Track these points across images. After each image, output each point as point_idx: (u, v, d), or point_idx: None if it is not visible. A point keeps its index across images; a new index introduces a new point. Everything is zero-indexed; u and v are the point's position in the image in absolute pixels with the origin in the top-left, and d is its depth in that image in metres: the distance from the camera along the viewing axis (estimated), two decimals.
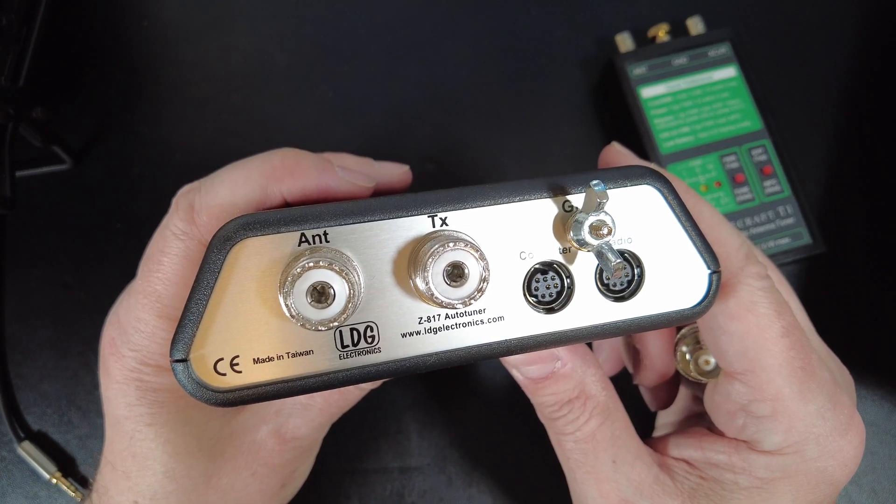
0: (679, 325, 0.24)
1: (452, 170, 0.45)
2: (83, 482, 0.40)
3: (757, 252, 0.29)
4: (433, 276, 0.20)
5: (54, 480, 0.39)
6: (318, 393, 0.28)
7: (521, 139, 0.46)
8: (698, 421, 0.33)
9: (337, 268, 0.20)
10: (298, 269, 0.19)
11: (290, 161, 0.27)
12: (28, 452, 0.39)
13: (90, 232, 0.44)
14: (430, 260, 0.20)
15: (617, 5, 0.49)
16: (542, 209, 0.23)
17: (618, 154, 0.33)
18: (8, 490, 0.40)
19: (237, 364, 0.21)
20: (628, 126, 0.44)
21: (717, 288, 0.23)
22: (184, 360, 0.20)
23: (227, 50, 0.48)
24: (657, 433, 0.37)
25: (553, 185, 0.23)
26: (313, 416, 0.29)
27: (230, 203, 0.26)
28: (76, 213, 0.44)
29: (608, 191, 0.22)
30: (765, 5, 0.49)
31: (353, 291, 0.20)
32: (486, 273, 0.20)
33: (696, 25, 0.46)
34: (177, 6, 0.49)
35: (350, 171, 0.28)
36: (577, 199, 0.23)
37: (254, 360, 0.21)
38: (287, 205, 0.27)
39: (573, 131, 0.47)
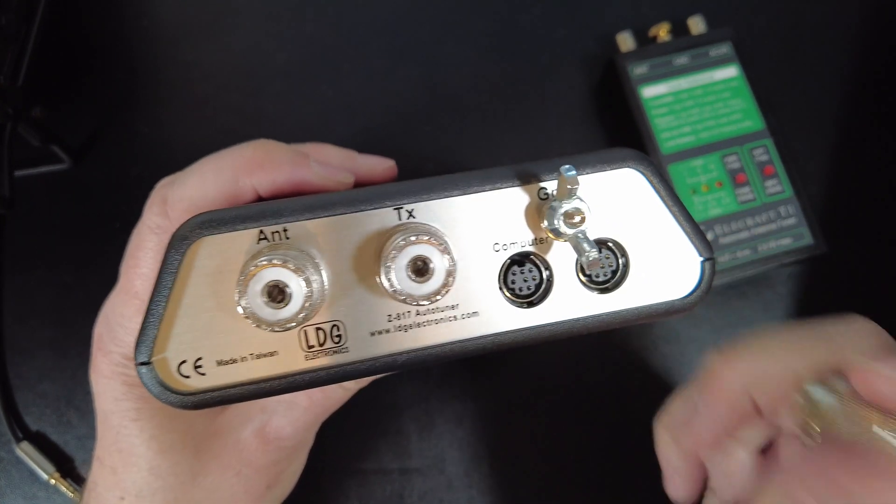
0: (669, 317, 0.23)
1: (452, 170, 0.45)
2: (81, 483, 0.40)
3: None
4: (396, 272, 0.19)
5: (53, 481, 0.39)
6: (301, 393, 0.28)
7: (521, 139, 0.46)
8: None
9: (292, 266, 0.19)
10: (252, 269, 0.19)
11: (261, 153, 0.26)
12: (26, 453, 0.39)
13: (89, 232, 0.43)
14: (393, 255, 0.19)
15: (618, 5, 0.49)
16: (516, 198, 0.22)
17: None
18: (6, 491, 0.40)
19: (200, 366, 0.20)
20: (629, 126, 0.44)
21: (710, 276, 0.22)
22: (147, 363, 0.20)
23: (227, 49, 0.47)
24: None
25: (525, 171, 0.22)
26: (298, 415, 0.28)
27: (200, 196, 0.25)
28: (75, 213, 0.44)
29: (585, 176, 0.21)
30: (766, 5, 0.49)
31: (311, 290, 0.19)
32: (453, 267, 0.19)
33: (697, 25, 0.45)
34: (177, 5, 0.48)
35: (326, 166, 0.27)
36: (552, 186, 0.22)
37: (217, 361, 0.20)
38: (260, 199, 0.26)
39: (574, 131, 0.46)
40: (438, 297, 0.20)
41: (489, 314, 0.21)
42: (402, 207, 0.21)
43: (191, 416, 0.28)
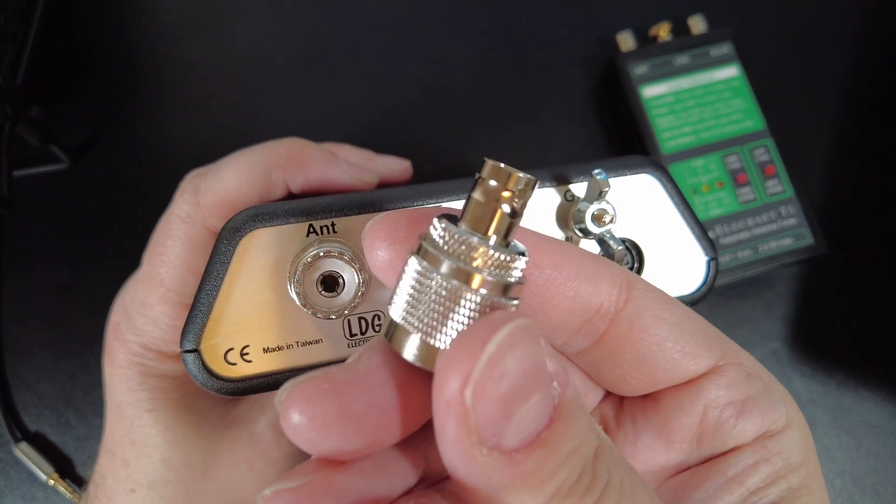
0: None
1: (452, 169, 0.45)
2: (80, 483, 0.40)
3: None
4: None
5: (51, 482, 0.39)
6: None
7: (521, 139, 0.46)
8: None
9: (347, 257, 0.20)
10: (309, 258, 0.20)
11: (295, 150, 0.27)
12: (25, 453, 0.39)
13: (88, 232, 0.43)
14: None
15: (618, 4, 0.48)
16: (545, 199, 0.23)
17: None
18: (5, 491, 0.40)
19: (247, 354, 0.21)
20: (630, 125, 0.44)
21: (714, 275, 0.24)
22: (194, 350, 0.21)
23: (226, 48, 0.47)
24: None
25: (555, 174, 0.23)
26: None
27: (234, 188, 0.26)
28: (74, 213, 0.44)
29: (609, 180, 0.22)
30: (767, 4, 0.49)
31: (362, 280, 0.20)
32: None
33: (697, 24, 0.45)
34: (176, 5, 0.48)
35: (354, 166, 0.28)
36: (578, 189, 0.23)
37: (263, 349, 0.21)
38: (290, 195, 0.28)
39: (574, 131, 0.46)
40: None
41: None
42: (440, 206, 0.22)
43: (205, 409, 0.28)
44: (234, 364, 0.21)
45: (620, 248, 0.21)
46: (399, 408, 0.15)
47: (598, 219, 0.22)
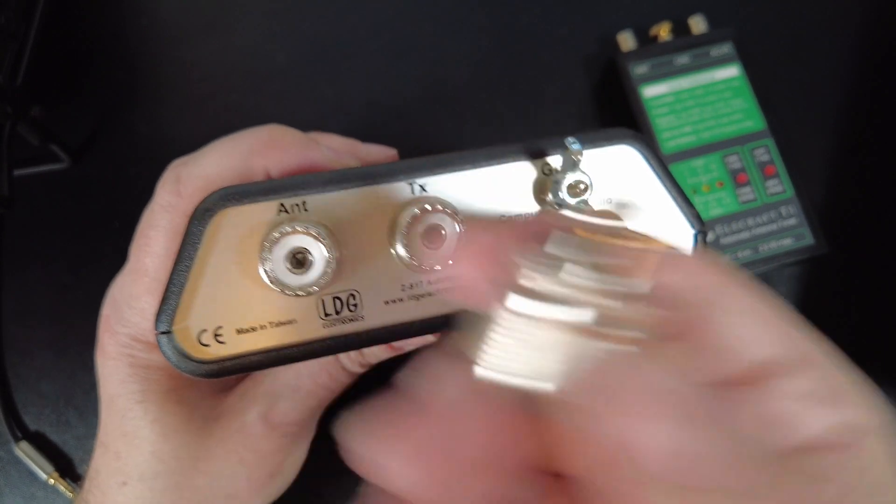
0: None
1: None
2: (81, 482, 0.40)
3: None
4: (411, 241, 0.20)
5: (52, 481, 0.39)
6: (307, 374, 0.28)
7: (521, 138, 0.46)
8: None
9: (314, 232, 0.20)
10: (276, 234, 0.20)
11: (275, 136, 0.27)
12: (25, 452, 0.39)
13: (88, 231, 0.43)
14: (408, 223, 0.20)
15: (618, 4, 0.48)
16: (522, 173, 0.23)
17: None
18: (5, 490, 0.40)
19: (220, 335, 0.21)
20: (630, 125, 0.44)
21: (703, 248, 0.23)
22: (168, 332, 0.20)
23: (226, 48, 0.47)
24: None
25: (530, 147, 0.23)
26: (302, 398, 0.28)
27: (215, 174, 0.26)
28: (74, 213, 0.44)
29: (586, 151, 0.22)
30: (768, 4, 0.49)
31: (331, 256, 0.20)
32: (464, 234, 0.20)
33: (698, 24, 0.45)
34: (176, 5, 0.48)
35: (336, 151, 0.28)
36: (555, 162, 0.23)
37: (237, 330, 0.21)
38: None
39: (574, 131, 0.46)
40: (451, 264, 0.21)
41: None
42: (414, 182, 0.22)
43: (196, 400, 0.28)
44: (207, 346, 0.21)
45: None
46: None
47: (572, 189, 0.21)
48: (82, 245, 0.43)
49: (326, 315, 0.21)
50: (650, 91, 0.44)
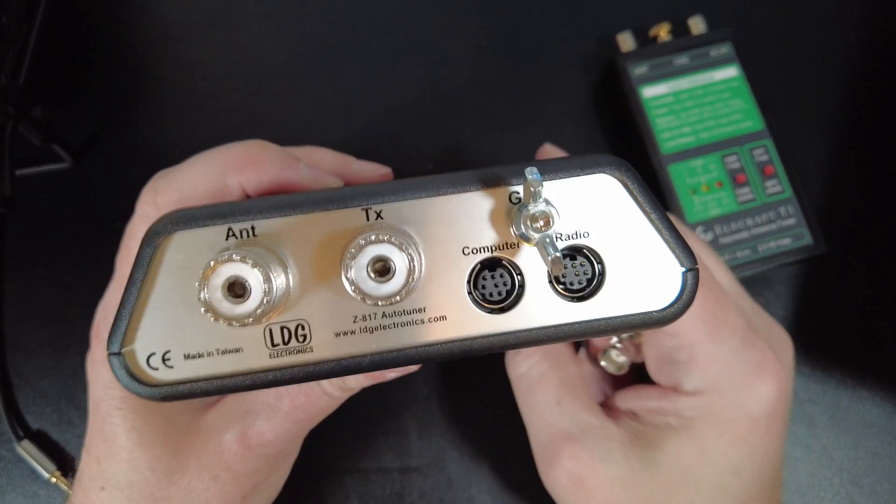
0: (646, 328, 0.22)
1: (452, 169, 0.45)
2: None
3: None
4: (357, 271, 0.19)
5: (53, 479, 0.39)
6: (285, 396, 0.27)
7: (521, 139, 0.46)
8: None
9: (250, 262, 0.19)
10: (212, 263, 0.19)
11: (253, 152, 0.26)
12: (27, 451, 0.39)
13: (90, 231, 0.44)
14: (353, 254, 0.19)
15: (618, 5, 0.49)
16: (486, 202, 0.21)
17: (549, 153, 0.34)
18: (7, 489, 0.40)
19: (169, 359, 0.21)
20: (629, 126, 0.44)
21: (693, 288, 0.21)
22: (118, 354, 0.20)
23: (227, 48, 0.47)
24: None
25: (494, 175, 0.21)
26: (279, 420, 0.28)
27: (189, 189, 0.26)
28: (76, 212, 0.44)
29: (559, 181, 0.21)
30: (767, 5, 0.49)
31: (271, 286, 0.19)
32: (414, 267, 0.19)
33: (697, 25, 0.45)
34: (178, 5, 0.48)
35: (315, 170, 0.27)
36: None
37: (185, 355, 0.21)
38: (248, 198, 0.27)
39: (574, 131, 0.46)
40: (398, 299, 0.19)
41: (458, 318, 0.21)
42: (370, 208, 0.21)
43: (173, 413, 0.28)
44: (156, 369, 0.20)
45: (556, 254, 0.19)
46: None
47: (534, 221, 0.19)
48: (84, 245, 0.43)
49: (274, 345, 0.21)
50: (649, 91, 0.44)
